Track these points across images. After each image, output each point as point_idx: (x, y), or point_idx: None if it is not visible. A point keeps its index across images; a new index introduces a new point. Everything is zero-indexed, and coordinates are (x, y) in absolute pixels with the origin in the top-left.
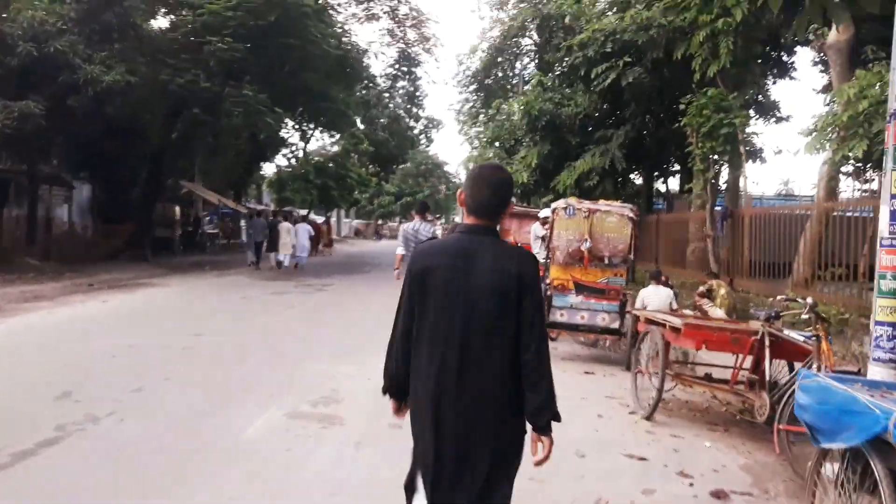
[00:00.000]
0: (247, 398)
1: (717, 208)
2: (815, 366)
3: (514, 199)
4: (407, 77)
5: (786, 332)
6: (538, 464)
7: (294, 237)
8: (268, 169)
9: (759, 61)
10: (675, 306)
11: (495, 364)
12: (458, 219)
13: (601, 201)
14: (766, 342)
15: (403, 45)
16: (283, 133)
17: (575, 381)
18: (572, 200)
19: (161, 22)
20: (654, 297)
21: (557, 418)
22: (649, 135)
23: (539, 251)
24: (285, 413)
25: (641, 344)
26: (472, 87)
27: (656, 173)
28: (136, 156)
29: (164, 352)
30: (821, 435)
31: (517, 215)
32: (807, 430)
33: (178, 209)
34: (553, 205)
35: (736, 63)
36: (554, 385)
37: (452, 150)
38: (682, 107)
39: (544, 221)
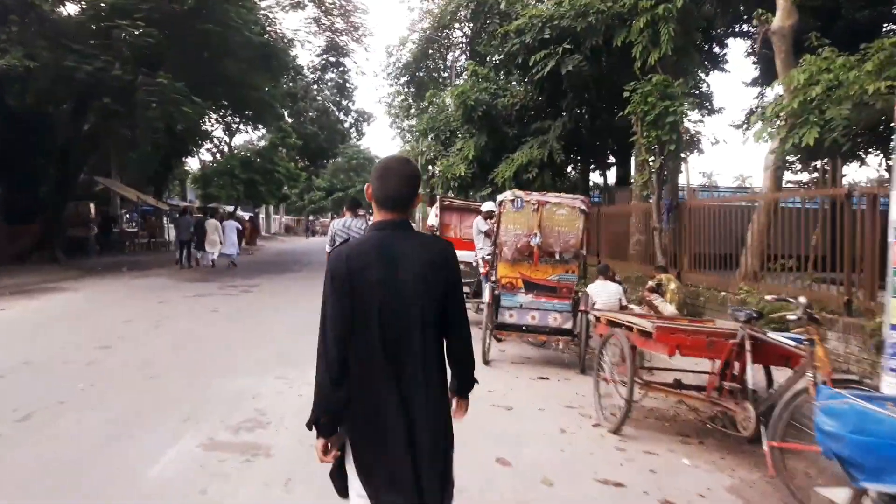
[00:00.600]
0: (156, 424)
1: (662, 200)
2: (809, 374)
3: (451, 193)
4: (335, 69)
5: (770, 334)
6: (459, 418)
7: (222, 234)
8: (192, 164)
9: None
10: (624, 302)
11: (435, 357)
12: None
13: (549, 193)
14: (748, 346)
15: (331, 34)
16: (206, 126)
17: (530, 389)
18: (519, 192)
19: (70, 7)
20: (602, 293)
21: (474, 383)
22: (586, 126)
23: (483, 247)
24: (200, 443)
25: (604, 348)
26: (403, 80)
27: (592, 165)
28: (42, 150)
29: (63, 369)
30: (861, 472)
31: (457, 209)
32: (832, 459)
33: (92, 207)
34: (499, 197)
35: (676, 50)
36: (473, 359)
37: (384, 144)
38: (625, 95)
39: (487, 215)
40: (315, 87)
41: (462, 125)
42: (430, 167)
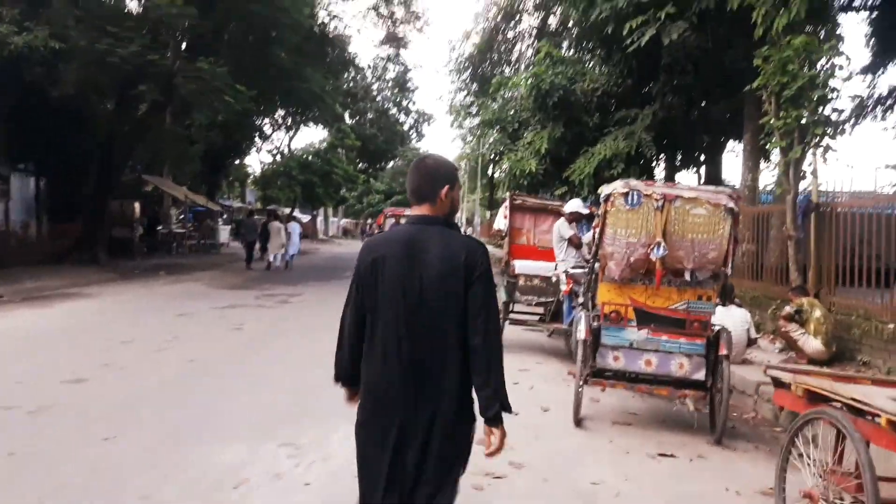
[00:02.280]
0: None
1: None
2: None
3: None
4: (394, 61)
5: None
6: (490, 455)
7: (285, 236)
8: (255, 165)
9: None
10: (753, 335)
11: (447, 354)
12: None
13: (679, 184)
14: None
15: (390, 24)
16: (258, 122)
17: (650, 475)
18: (636, 182)
19: None
20: (726, 322)
21: (508, 409)
22: (679, 116)
23: (565, 258)
24: None
25: (798, 435)
26: (466, 75)
27: (679, 162)
28: (85, 145)
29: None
30: None
31: (531, 210)
32: None
33: (137, 206)
34: (604, 189)
35: (812, 14)
36: (504, 375)
37: (444, 146)
38: (755, 63)
39: (572, 217)
40: (374, 87)
41: (534, 114)
42: (490, 168)
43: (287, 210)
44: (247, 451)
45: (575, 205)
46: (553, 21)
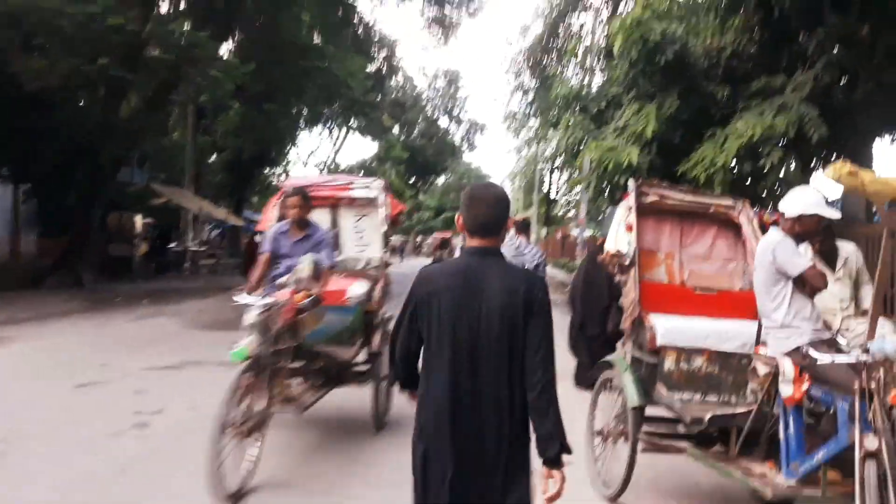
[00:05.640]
0: None
1: None
2: None
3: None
4: (442, 41)
5: None
6: (550, 500)
7: None
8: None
9: None
10: None
11: (503, 390)
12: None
13: None
14: None
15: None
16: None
17: None
18: None
19: None
20: None
21: (568, 450)
22: (843, 87)
23: (788, 317)
24: None
25: None
26: (524, 76)
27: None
28: (72, 146)
29: None
30: None
31: (678, 214)
32: None
33: (139, 220)
34: None
35: None
36: (561, 414)
37: (497, 160)
38: None
39: (803, 228)
40: (424, 94)
41: (631, 85)
42: (550, 175)
43: None
44: None
45: (810, 201)
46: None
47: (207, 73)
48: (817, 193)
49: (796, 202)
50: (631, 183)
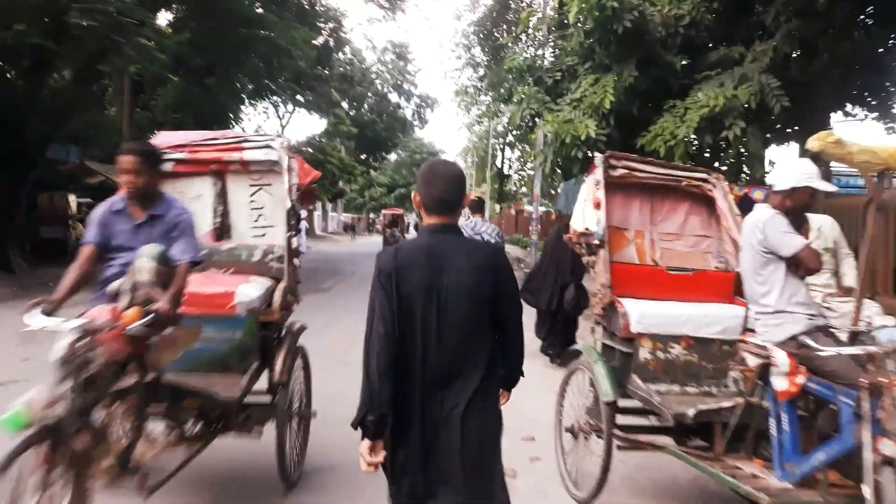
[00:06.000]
0: None
1: None
2: None
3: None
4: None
5: None
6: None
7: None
8: None
9: None
10: None
11: (476, 362)
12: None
13: None
14: None
15: None
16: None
17: None
18: None
19: None
20: None
21: (522, 374)
22: (802, 60)
23: (780, 301)
24: None
25: None
26: (475, 49)
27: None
28: None
29: None
30: None
31: (649, 187)
32: None
33: (73, 200)
34: None
35: None
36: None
37: (449, 136)
38: None
39: (796, 202)
40: (373, 68)
41: (587, 56)
42: (503, 151)
43: None
44: None
45: (803, 172)
46: None
47: (138, 42)
48: (810, 164)
49: (788, 175)
50: (598, 155)
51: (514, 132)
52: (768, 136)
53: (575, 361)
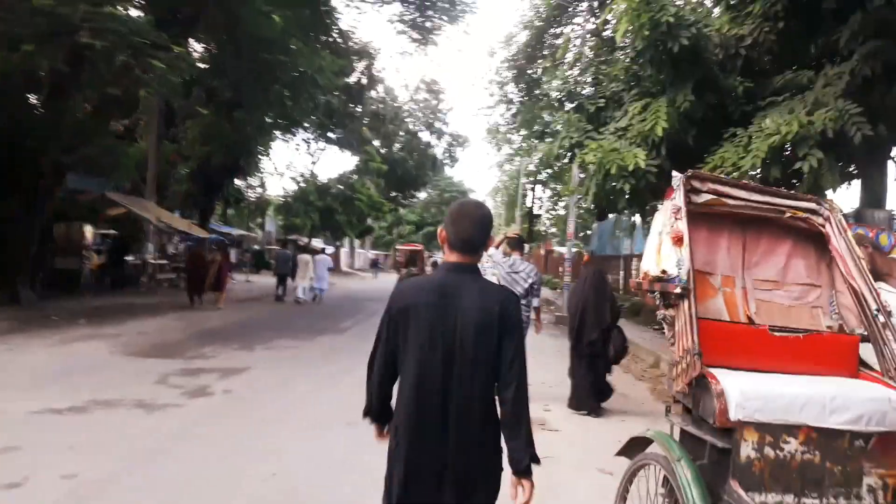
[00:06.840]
0: None
1: None
2: None
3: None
4: (422, 43)
5: None
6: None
7: (313, 270)
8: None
9: None
10: None
11: (476, 403)
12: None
13: None
14: None
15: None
16: (270, 143)
17: None
18: None
19: None
20: None
21: (537, 461)
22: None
23: None
24: None
25: None
26: (510, 84)
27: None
28: (15, 151)
29: None
30: None
31: (741, 220)
32: None
33: (88, 230)
34: None
35: None
36: (532, 428)
37: (479, 174)
38: None
39: None
40: (405, 107)
41: (634, 79)
42: (533, 189)
43: (305, 240)
44: None
45: None
46: None
47: (149, 63)
48: None
49: None
50: (677, 174)
51: (546, 171)
52: (849, 169)
53: (642, 455)
